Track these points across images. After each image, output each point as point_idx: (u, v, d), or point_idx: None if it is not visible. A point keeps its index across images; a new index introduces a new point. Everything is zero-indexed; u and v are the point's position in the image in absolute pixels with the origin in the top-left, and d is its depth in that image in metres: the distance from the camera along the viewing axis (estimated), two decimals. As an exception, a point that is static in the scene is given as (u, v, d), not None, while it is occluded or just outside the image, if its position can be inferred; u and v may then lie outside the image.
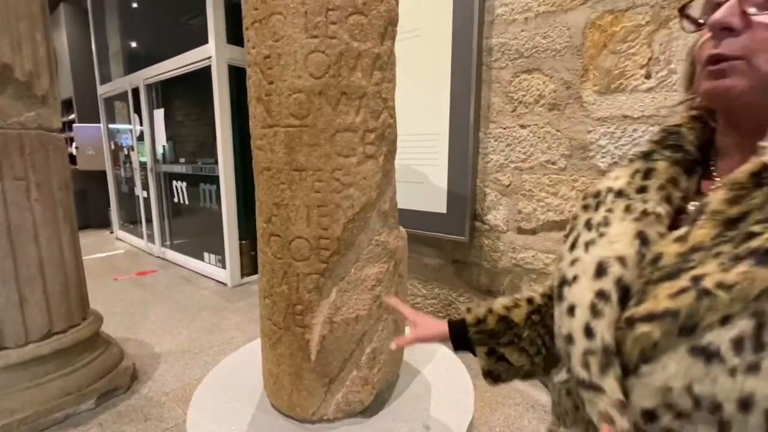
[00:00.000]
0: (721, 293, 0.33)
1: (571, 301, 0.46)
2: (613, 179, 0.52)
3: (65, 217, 1.62)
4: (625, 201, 0.48)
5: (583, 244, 0.49)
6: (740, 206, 0.36)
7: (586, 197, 0.54)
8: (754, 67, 0.38)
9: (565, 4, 1.63)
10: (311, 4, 0.75)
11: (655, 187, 0.47)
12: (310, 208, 0.83)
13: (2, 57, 1.40)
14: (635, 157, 0.52)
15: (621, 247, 0.44)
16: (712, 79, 0.41)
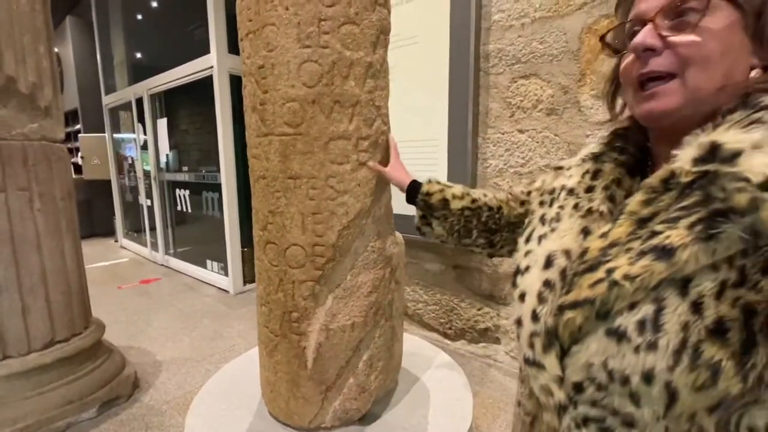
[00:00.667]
0: (626, 284, 0.38)
1: (523, 288, 0.52)
2: (567, 177, 0.58)
3: (68, 227, 1.63)
4: (575, 199, 0.54)
5: (537, 237, 0.55)
6: (651, 207, 0.41)
7: (543, 194, 0.61)
8: (685, 82, 0.42)
9: (561, 10, 1.64)
10: (304, 15, 0.76)
11: (601, 186, 0.52)
12: (305, 215, 0.84)
13: (7, 70, 1.42)
14: (587, 157, 0.57)
15: (567, 241, 0.50)
16: (649, 101, 0.45)
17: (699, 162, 0.39)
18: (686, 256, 0.36)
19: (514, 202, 0.80)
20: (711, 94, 0.43)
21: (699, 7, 0.41)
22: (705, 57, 0.41)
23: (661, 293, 0.37)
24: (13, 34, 1.43)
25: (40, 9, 1.53)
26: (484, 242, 0.84)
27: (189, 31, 4.12)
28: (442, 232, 0.83)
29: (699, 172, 0.38)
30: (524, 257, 0.54)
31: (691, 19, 0.42)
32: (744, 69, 0.43)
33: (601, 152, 0.56)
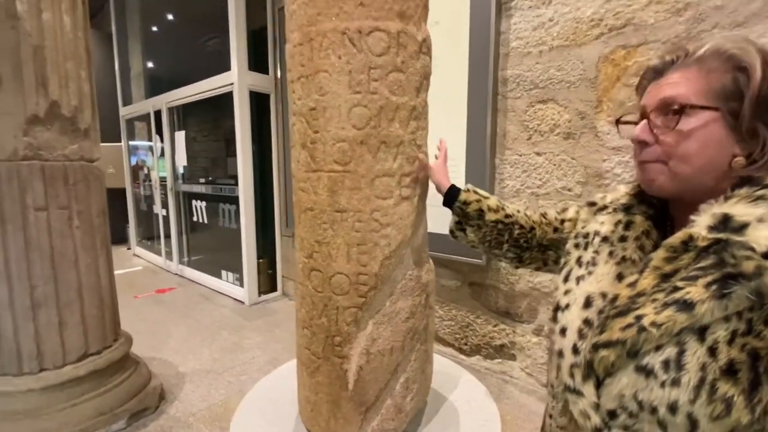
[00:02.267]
0: (653, 330, 0.45)
1: (564, 324, 0.59)
2: (599, 224, 0.66)
3: (102, 243, 1.70)
4: (610, 247, 0.62)
5: (575, 278, 0.63)
6: (672, 265, 0.49)
7: (578, 236, 0.69)
8: (670, 169, 0.53)
9: (578, 39, 1.70)
10: (355, 64, 0.83)
11: (633, 237, 0.61)
12: (351, 246, 0.90)
13: (52, 95, 1.50)
14: (618, 208, 0.66)
15: (604, 285, 0.58)
16: (644, 176, 0.56)
17: (713, 230, 0.47)
18: (704, 310, 0.43)
19: (547, 226, 0.86)
20: (696, 177, 0.52)
21: (681, 119, 0.51)
22: (683, 153, 0.51)
23: (682, 338, 0.44)
24: (58, 60, 1.51)
25: (82, 36, 1.61)
26: (513, 256, 0.91)
27: (204, 42, 4.24)
28: (475, 239, 0.91)
29: (713, 239, 0.46)
30: (564, 295, 0.62)
31: (674, 122, 0.51)
32: (727, 156, 0.51)
33: (630, 204, 0.64)
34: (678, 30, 1.47)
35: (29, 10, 1.43)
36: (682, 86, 0.51)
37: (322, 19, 0.83)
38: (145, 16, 4.66)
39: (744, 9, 1.36)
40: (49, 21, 1.48)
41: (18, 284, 1.48)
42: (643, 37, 1.55)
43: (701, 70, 0.51)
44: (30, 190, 1.47)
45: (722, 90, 0.49)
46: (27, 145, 1.46)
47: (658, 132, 0.53)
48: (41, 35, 1.46)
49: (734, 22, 1.37)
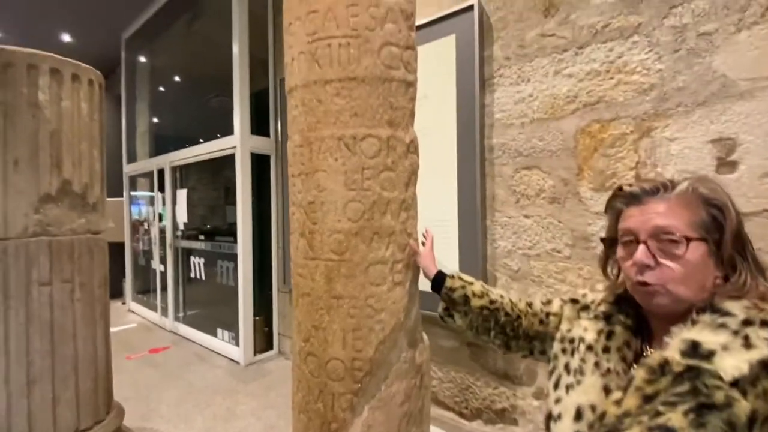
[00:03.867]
0: None
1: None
2: (583, 329, 0.72)
3: (101, 314, 1.72)
4: (595, 357, 0.67)
5: (565, 386, 0.67)
6: (653, 386, 0.53)
7: (563, 341, 0.75)
8: (669, 291, 0.59)
9: (556, 113, 1.85)
10: (350, 165, 0.91)
11: (615, 348, 0.66)
12: (346, 331, 0.93)
13: (65, 174, 1.59)
14: (599, 315, 0.72)
15: (592, 397, 0.62)
16: (647, 297, 0.62)
17: (685, 355, 0.53)
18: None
19: (533, 317, 0.90)
20: (688, 298, 0.59)
21: (678, 244, 0.58)
22: (684, 278, 0.58)
23: None
24: (73, 142, 1.62)
25: (97, 119, 1.74)
26: (501, 343, 0.94)
27: (208, 100, 4.49)
28: (463, 324, 0.95)
29: (686, 366, 0.52)
30: (555, 404, 0.67)
31: (674, 250, 0.58)
32: (711, 280, 0.59)
33: (610, 313, 0.70)
34: (646, 107, 1.61)
35: (50, 99, 1.56)
36: (673, 218, 0.59)
37: (320, 126, 0.93)
38: (154, 78, 4.96)
39: (704, 90, 1.50)
40: (68, 108, 1.60)
41: (16, 360, 1.48)
42: (615, 113, 1.69)
43: (684, 205, 0.59)
44: (36, 265, 1.51)
45: (704, 223, 0.58)
46: (37, 222, 1.53)
47: (658, 257, 0.59)
48: (59, 121, 1.58)
49: (696, 102, 1.51)
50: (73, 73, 1.62)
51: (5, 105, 1.48)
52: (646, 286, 0.60)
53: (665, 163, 1.57)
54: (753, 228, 1.36)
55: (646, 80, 1.61)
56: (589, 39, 1.74)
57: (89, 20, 4.59)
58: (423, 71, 1.18)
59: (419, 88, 1.08)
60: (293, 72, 0.98)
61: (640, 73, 1.62)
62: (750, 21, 1.41)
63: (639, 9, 1.61)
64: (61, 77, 1.59)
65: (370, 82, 0.91)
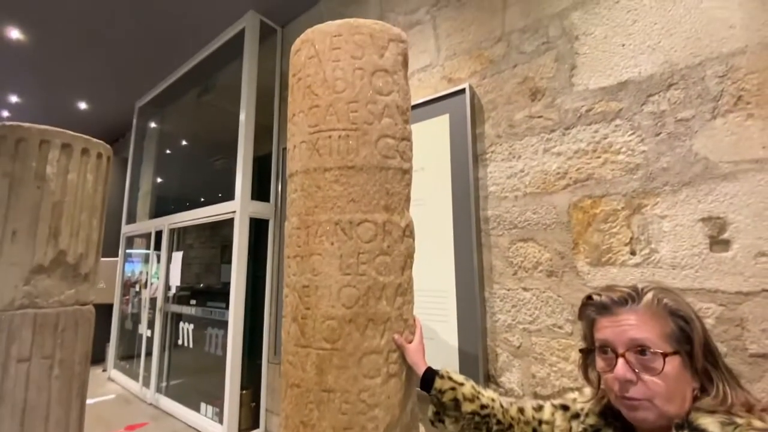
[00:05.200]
0: None
1: None
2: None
3: (78, 392, 1.61)
4: None
5: None
6: None
7: None
8: (655, 405, 0.59)
9: (548, 188, 1.90)
10: (346, 250, 0.92)
11: None
12: (336, 430, 0.87)
13: (61, 245, 1.59)
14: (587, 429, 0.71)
15: None
16: (632, 411, 0.61)
17: None
18: None
19: (525, 426, 0.87)
20: (674, 413, 0.59)
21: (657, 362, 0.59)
22: (667, 393, 0.59)
23: None
24: (74, 213, 1.64)
25: (101, 189, 1.78)
26: None
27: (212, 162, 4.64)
28: (454, 431, 0.90)
29: None
30: None
31: (653, 364, 0.59)
32: (690, 392, 0.60)
33: (598, 428, 0.70)
34: (634, 185, 1.66)
35: (57, 172, 1.61)
36: (645, 331, 0.60)
37: (318, 210, 0.95)
38: (161, 141, 5.18)
39: (688, 171, 1.56)
40: (73, 180, 1.64)
41: (-24, 448, 1.36)
42: (605, 190, 1.74)
43: (652, 317, 0.61)
44: (18, 340, 1.45)
45: (674, 335, 0.60)
46: (25, 294, 1.49)
47: (639, 372, 0.60)
48: (64, 192, 1.61)
49: (681, 182, 1.57)
50: (83, 147, 1.69)
51: (12, 177, 1.53)
52: (631, 400, 0.61)
53: (659, 239, 1.59)
54: (754, 308, 1.34)
55: (631, 160, 1.68)
56: (574, 121, 1.86)
57: (105, 89, 4.90)
58: (419, 146, 1.23)
59: (416, 161, 1.12)
60: (294, 158, 1.02)
61: (625, 153, 1.70)
62: (724, 109, 1.52)
63: (618, 96, 1.73)
64: (71, 151, 1.65)
65: (368, 170, 0.95)
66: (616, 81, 1.75)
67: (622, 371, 0.61)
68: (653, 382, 0.59)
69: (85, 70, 4.38)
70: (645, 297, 0.63)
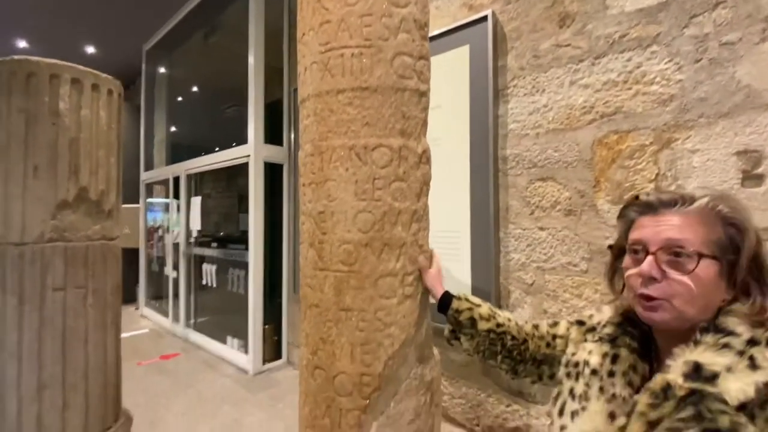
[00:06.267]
0: None
1: None
2: (588, 353, 0.69)
3: (113, 321, 1.73)
4: (599, 382, 0.63)
5: (570, 413, 0.64)
6: (657, 411, 0.50)
7: (568, 365, 0.72)
8: (674, 306, 0.56)
9: (572, 124, 1.81)
10: (361, 175, 0.90)
11: (620, 372, 0.62)
12: (354, 345, 0.91)
13: (81, 181, 1.62)
14: (604, 338, 0.68)
15: (598, 424, 0.59)
16: (648, 311, 0.58)
17: (688, 378, 0.50)
18: None
19: (540, 340, 0.88)
20: (695, 317, 0.56)
21: (689, 259, 0.55)
22: (690, 294, 0.55)
23: None
24: (91, 150, 1.65)
25: (115, 127, 1.77)
26: (508, 367, 0.91)
27: (224, 110, 4.57)
28: (469, 348, 0.92)
29: (689, 389, 0.49)
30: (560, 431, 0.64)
31: (685, 264, 0.55)
32: (718, 301, 0.56)
33: (615, 336, 0.67)
34: (666, 118, 1.56)
35: (71, 108, 1.60)
36: (688, 232, 0.56)
37: (332, 136, 0.92)
38: (172, 88, 5.09)
39: (727, 100, 1.45)
40: (87, 116, 1.63)
41: (27, 365, 1.49)
42: (633, 124, 1.64)
43: (701, 221, 0.56)
44: (51, 271, 1.53)
45: (720, 243, 0.55)
46: (53, 228, 1.55)
47: (666, 269, 0.56)
48: (79, 128, 1.61)
49: (719, 113, 1.46)
50: (93, 83, 1.66)
51: (27, 113, 1.52)
52: (649, 300, 0.57)
53: (687, 175, 1.52)
54: (782, 244, 1.30)
55: (665, 91, 1.57)
56: (605, 49, 1.71)
57: (112, 32, 4.75)
58: (436, 82, 1.17)
59: (432, 98, 1.06)
60: (306, 82, 0.98)
61: (659, 83, 1.58)
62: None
63: (658, 18, 1.58)
64: (81, 87, 1.62)
65: (383, 91, 0.90)
66: (656, 0, 1.58)
67: (648, 267, 0.57)
68: (679, 282, 0.55)
69: (91, 11, 4.22)
70: (698, 201, 0.57)
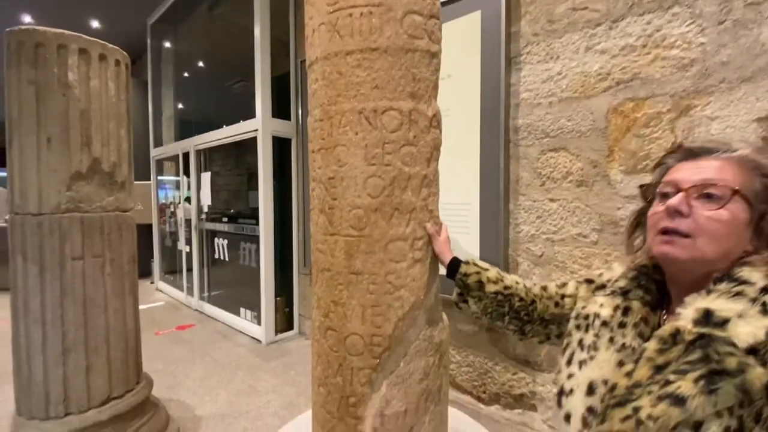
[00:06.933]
0: (650, 423, 0.46)
1: (568, 410, 0.61)
2: (599, 306, 0.68)
3: (130, 288, 1.78)
4: (610, 332, 0.63)
5: (578, 362, 0.64)
6: (664, 356, 0.51)
7: (578, 317, 0.71)
8: (696, 245, 0.54)
9: (587, 92, 1.76)
10: (371, 140, 0.89)
11: (631, 324, 0.62)
12: (365, 307, 0.93)
13: (94, 153, 1.64)
14: (617, 291, 0.68)
15: (606, 372, 0.59)
16: (665, 245, 0.57)
17: (698, 324, 0.50)
18: (695, 405, 0.44)
19: (548, 300, 0.88)
20: (710, 260, 0.55)
21: (722, 196, 0.54)
22: (715, 233, 0.54)
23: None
24: (102, 122, 1.66)
25: (124, 98, 1.77)
26: (515, 328, 0.93)
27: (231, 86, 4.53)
28: (477, 310, 0.93)
29: (698, 334, 0.49)
30: (568, 380, 0.64)
31: (717, 199, 0.54)
32: (739, 251, 0.55)
33: (628, 288, 0.67)
34: (685, 84, 1.51)
35: (79, 79, 1.60)
36: (726, 174, 0.55)
37: (341, 100, 0.91)
38: (178, 64, 5.04)
39: (750, 65, 1.39)
40: (96, 87, 1.64)
41: (51, 329, 1.56)
42: (650, 91, 1.59)
43: (740, 168, 0.55)
44: (69, 240, 1.57)
45: (755, 191, 0.54)
46: (69, 199, 1.58)
47: (695, 204, 0.55)
48: (88, 100, 1.62)
49: (741, 77, 1.41)
50: (101, 53, 1.65)
51: (37, 84, 1.53)
52: (670, 234, 0.56)
53: (704, 143, 1.48)
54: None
55: (686, 55, 1.50)
56: (624, 12, 1.64)
57: (116, 6, 4.68)
58: (446, 49, 1.13)
59: (442, 68, 1.04)
60: (314, 44, 0.96)
61: (679, 47, 1.52)
62: (806, -13, 1.29)
63: (681, -23, 1.50)
64: (89, 57, 1.62)
65: (393, 52, 0.88)
66: (680, -43, 1.50)
67: (676, 200, 0.55)
68: (707, 218, 0.53)
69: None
70: (740, 150, 0.56)
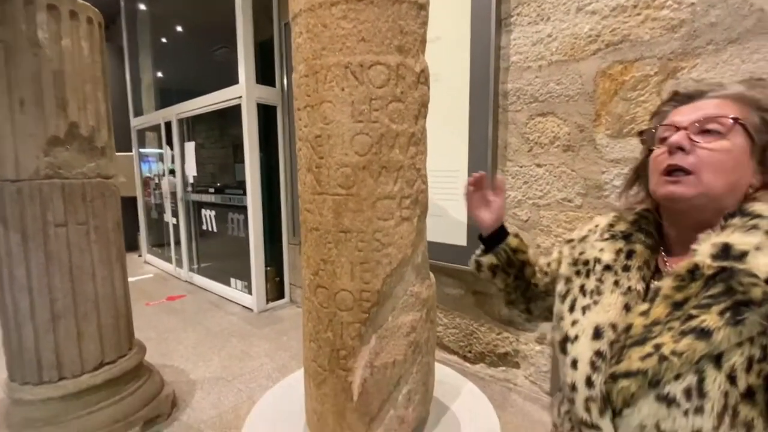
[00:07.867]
0: (674, 359, 0.47)
1: (574, 356, 0.60)
2: (598, 251, 0.68)
3: (117, 255, 1.77)
4: (614, 276, 0.63)
5: (581, 308, 0.64)
6: (682, 293, 0.51)
7: (577, 263, 0.71)
8: (701, 180, 0.54)
9: (576, 54, 1.74)
10: (357, 96, 0.88)
11: (636, 267, 0.62)
12: (354, 264, 0.94)
13: (71, 116, 1.58)
14: (618, 235, 0.67)
15: (612, 315, 0.59)
16: (670, 185, 0.56)
17: (716, 258, 0.49)
18: (721, 337, 0.45)
19: (540, 274, 0.90)
20: (717, 195, 0.54)
21: (723, 129, 0.53)
22: (718, 165, 0.53)
23: (701, 366, 0.46)
24: (76, 84, 1.59)
25: (98, 59, 1.69)
26: (524, 307, 0.93)
27: (213, 52, 4.35)
28: (501, 284, 0.93)
29: (719, 267, 0.48)
30: (572, 326, 0.63)
31: (718, 130, 0.53)
32: (745, 185, 0.54)
33: (629, 232, 0.66)
34: (674, 46, 1.51)
35: (50, 38, 1.51)
36: (725, 109, 0.54)
37: (326, 53, 0.89)
38: (155, 28, 4.79)
39: (738, 26, 1.39)
40: (68, 47, 1.55)
41: (39, 297, 1.55)
42: (639, 53, 1.59)
43: (738, 104, 0.54)
44: (51, 207, 1.54)
45: (754, 124, 0.53)
46: (48, 165, 1.54)
47: (696, 139, 0.54)
48: (61, 60, 1.54)
49: (728, 39, 1.41)
50: (71, 9, 1.56)
51: (5, 43, 1.45)
52: (674, 173, 0.55)
53: (689, 106, 1.49)
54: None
55: (675, 15, 1.49)
56: (617, -31, 1.61)
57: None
58: (435, 12, 1.10)
59: (430, 30, 1.01)
60: (297, -5, 0.92)
61: (670, 7, 1.50)
62: (798, -56, 1.28)
63: (675, -68, 1.46)
64: (58, 14, 1.53)
65: (379, 3, 0.85)
66: None
67: (677, 138, 0.54)
68: (707, 153, 0.52)
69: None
70: (734, 88, 0.55)
